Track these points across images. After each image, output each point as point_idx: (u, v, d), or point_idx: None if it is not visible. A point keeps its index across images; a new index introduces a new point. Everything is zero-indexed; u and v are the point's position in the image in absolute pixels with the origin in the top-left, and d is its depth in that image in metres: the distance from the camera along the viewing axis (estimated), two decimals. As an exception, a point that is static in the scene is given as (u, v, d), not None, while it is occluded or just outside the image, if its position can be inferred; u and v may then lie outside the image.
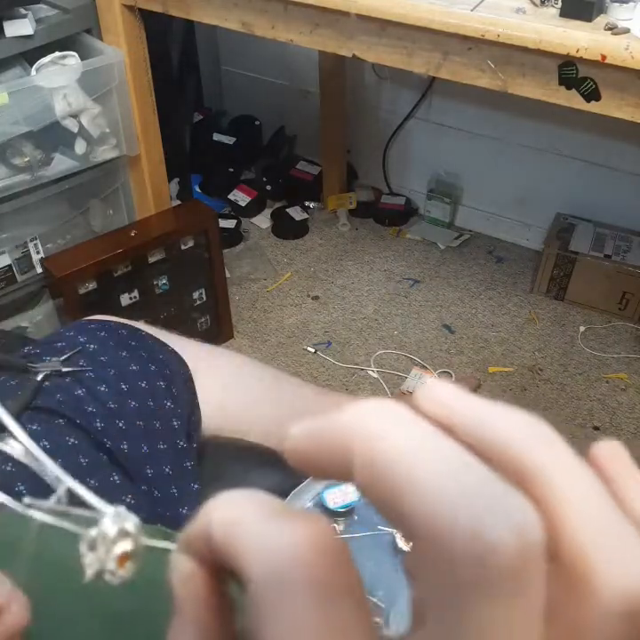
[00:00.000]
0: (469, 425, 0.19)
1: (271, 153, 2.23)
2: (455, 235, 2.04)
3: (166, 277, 1.50)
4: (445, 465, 0.18)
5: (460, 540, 0.16)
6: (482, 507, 0.17)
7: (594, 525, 0.18)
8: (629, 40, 0.81)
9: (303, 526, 0.18)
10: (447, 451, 0.18)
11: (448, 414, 0.20)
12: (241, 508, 0.19)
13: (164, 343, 0.85)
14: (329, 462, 0.19)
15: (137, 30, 1.30)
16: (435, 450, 0.18)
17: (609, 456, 0.21)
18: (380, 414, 0.19)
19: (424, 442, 0.18)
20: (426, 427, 0.19)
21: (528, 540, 0.17)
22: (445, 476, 0.17)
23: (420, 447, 0.18)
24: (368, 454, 0.18)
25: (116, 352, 0.80)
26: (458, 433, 0.19)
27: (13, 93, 1.17)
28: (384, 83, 2.00)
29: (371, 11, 0.96)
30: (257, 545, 0.18)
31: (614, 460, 0.21)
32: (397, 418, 0.19)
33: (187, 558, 0.20)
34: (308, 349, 1.70)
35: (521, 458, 0.19)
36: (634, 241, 1.76)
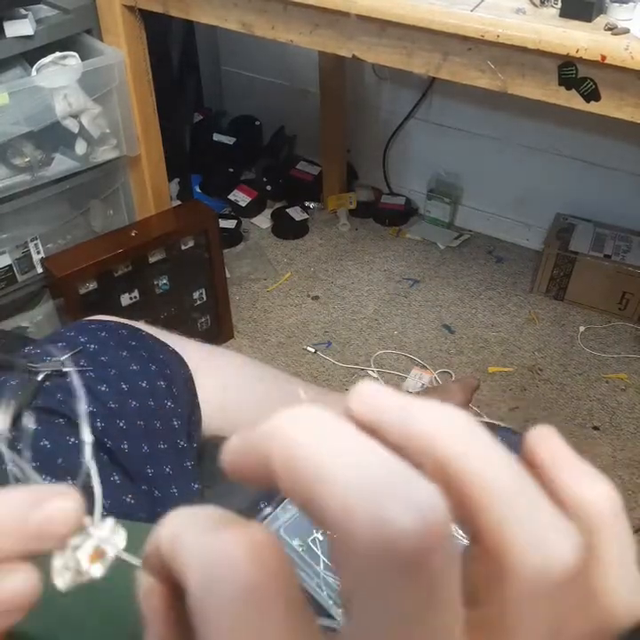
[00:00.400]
0: (391, 423, 0.20)
1: (271, 153, 2.23)
2: (455, 235, 2.04)
3: (166, 277, 1.50)
4: (352, 460, 0.18)
5: (364, 529, 0.17)
6: (383, 494, 0.17)
7: (509, 506, 0.19)
8: (629, 40, 0.81)
9: (238, 536, 0.18)
10: (357, 447, 0.19)
11: (373, 414, 0.20)
12: (182, 524, 0.20)
13: (164, 343, 0.85)
14: (255, 471, 0.20)
15: (137, 30, 1.30)
16: (344, 448, 0.19)
17: (540, 443, 0.21)
18: (298, 419, 0.20)
19: (335, 441, 0.19)
20: (341, 427, 0.19)
21: (430, 520, 0.17)
22: (351, 470, 0.18)
23: (331, 447, 0.19)
24: (283, 457, 0.19)
25: (116, 352, 0.80)
26: (382, 432, 0.20)
27: (14, 93, 1.17)
28: (384, 83, 2.00)
29: (371, 11, 0.96)
30: (193, 556, 0.18)
31: (546, 446, 0.21)
32: (314, 421, 0.19)
33: (147, 574, 0.21)
34: (308, 349, 1.70)
35: (437, 449, 0.19)
36: (634, 241, 1.76)
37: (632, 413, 1.54)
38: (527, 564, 0.18)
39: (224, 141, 2.18)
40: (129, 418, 0.75)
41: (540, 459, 0.21)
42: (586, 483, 0.20)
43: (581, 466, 0.21)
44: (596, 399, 1.57)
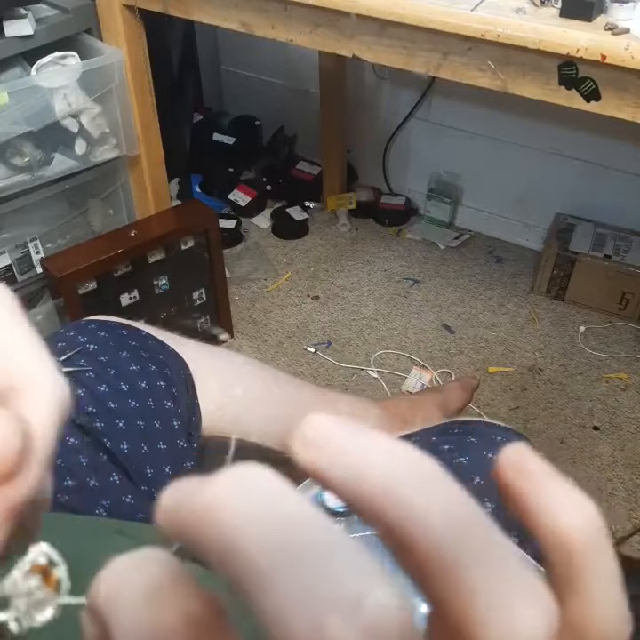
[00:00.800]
0: (340, 482, 0.18)
1: (271, 153, 2.23)
2: (455, 235, 2.04)
3: (166, 277, 1.50)
4: (293, 548, 0.16)
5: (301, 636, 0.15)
6: (325, 602, 0.15)
7: (470, 573, 0.16)
8: (629, 40, 0.81)
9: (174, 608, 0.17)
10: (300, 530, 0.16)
11: (319, 466, 0.18)
12: (122, 581, 0.18)
13: (164, 343, 0.85)
14: (186, 537, 0.18)
15: (137, 30, 1.30)
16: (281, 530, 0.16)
17: (512, 464, 0.19)
18: (236, 492, 0.17)
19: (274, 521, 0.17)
20: (283, 499, 0.17)
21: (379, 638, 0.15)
22: (289, 563, 0.16)
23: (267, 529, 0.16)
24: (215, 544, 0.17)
25: (116, 352, 0.80)
26: (331, 485, 0.18)
27: (13, 93, 1.17)
28: (384, 83, 2.00)
29: (371, 11, 0.96)
30: (125, 628, 0.17)
31: (518, 467, 0.19)
32: (253, 492, 0.17)
33: (90, 622, 0.20)
34: (308, 349, 1.70)
35: (389, 517, 0.17)
36: (634, 241, 1.76)
37: (632, 413, 1.54)
38: (490, 637, 0.16)
39: (224, 141, 2.18)
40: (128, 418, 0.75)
41: (511, 482, 0.19)
42: (563, 508, 0.18)
43: (558, 488, 0.19)
44: (596, 399, 1.57)
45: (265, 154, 2.24)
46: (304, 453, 0.18)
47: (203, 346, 0.95)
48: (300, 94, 2.14)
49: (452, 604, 0.17)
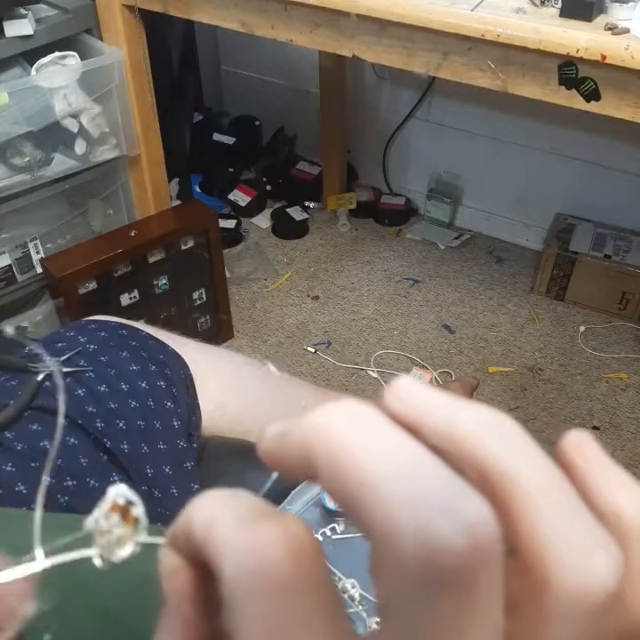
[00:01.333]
0: (435, 425, 0.19)
1: (271, 153, 2.23)
2: (455, 235, 2.04)
3: (166, 277, 1.50)
4: (402, 468, 0.18)
5: (410, 541, 0.16)
6: (432, 508, 0.17)
7: (552, 521, 0.18)
8: (629, 40, 0.81)
9: (275, 528, 0.18)
10: (406, 453, 0.18)
11: (415, 414, 0.20)
12: (219, 509, 0.19)
13: (164, 343, 0.85)
14: (294, 465, 0.20)
15: (137, 30, 1.30)
16: (393, 453, 0.18)
17: (576, 447, 0.21)
18: (344, 417, 0.19)
19: (383, 446, 0.18)
20: (388, 429, 0.19)
21: (479, 540, 0.16)
22: (400, 478, 0.17)
23: (379, 451, 0.18)
24: (329, 459, 0.18)
25: (116, 352, 0.80)
26: (424, 433, 0.19)
27: (13, 93, 1.17)
28: (384, 83, 2.00)
29: (371, 11, 0.96)
30: (229, 546, 0.18)
31: (581, 450, 0.21)
32: (360, 421, 0.19)
33: (173, 553, 0.21)
34: (308, 349, 1.70)
35: (482, 456, 0.19)
36: (634, 241, 1.76)
37: (632, 413, 1.54)
38: (568, 584, 0.18)
39: (224, 141, 2.18)
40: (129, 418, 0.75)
41: (576, 464, 0.20)
42: (622, 491, 0.20)
43: (617, 473, 0.20)
44: (596, 399, 1.57)
45: (265, 154, 2.24)
46: (398, 405, 0.20)
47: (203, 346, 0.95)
48: (300, 94, 2.14)
49: (535, 550, 0.18)
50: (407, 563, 0.17)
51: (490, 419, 0.19)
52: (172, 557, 0.21)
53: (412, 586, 0.17)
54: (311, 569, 0.18)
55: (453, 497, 0.17)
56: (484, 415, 0.19)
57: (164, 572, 0.21)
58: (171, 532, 0.21)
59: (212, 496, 0.20)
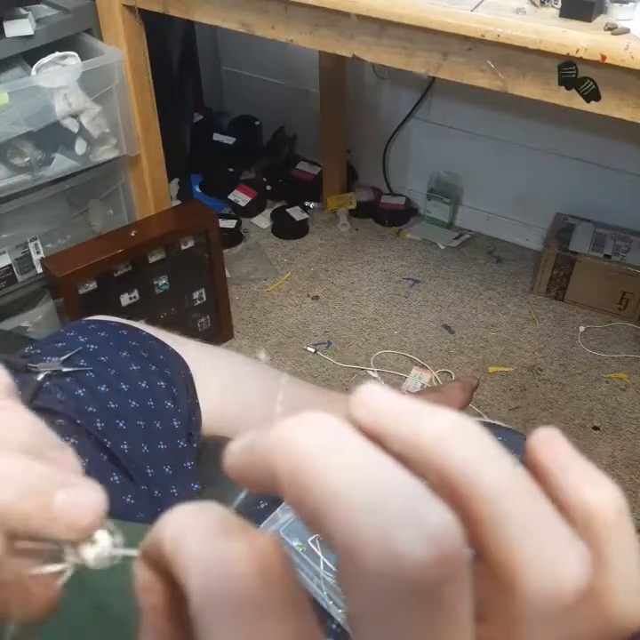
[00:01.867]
0: (399, 432, 0.19)
1: (271, 153, 2.23)
2: (455, 235, 2.04)
3: (166, 277, 1.50)
4: (363, 478, 0.17)
5: (373, 554, 0.16)
6: (394, 519, 0.16)
7: (518, 524, 0.18)
8: (629, 40, 0.81)
9: (241, 543, 0.18)
10: (368, 463, 0.18)
11: (379, 422, 0.19)
12: (187, 523, 0.19)
13: (164, 343, 0.85)
14: (260, 478, 0.20)
15: (137, 30, 1.30)
16: (354, 464, 0.18)
17: (544, 445, 0.21)
18: (306, 429, 0.19)
19: (345, 456, 0.18)
20: (351, 439, 0.19)
21: (443, 550, 0.16)
22: (361, 489, 0.17)
23: (340, 462, 0.18)
24: (290, 472, 0.18)
25: (116, 352, 0.80)
26: (388, 441, 0.19)
27: (13, 93, 1.17)
28: (384, 83, 2.00)
29: (371, 11, 0.96)
30: (195, 562, 0.18)
31: (550, 448, 0.21)
32: (322, 432, 0.19)
33: (146, 568, 0.21)
34: (308, 349, 1.70)
35: (446, 463, 0.18)
36: (634, 241, 1.76)
37: (632, 413, 1.54)
38: (537, 586, 0.18)
39: (224, 141, 2.18)
40: (129, 418, 0.75)
41: (543, 461, 0.20)
42: (590, 486, 0.20)
43: (585, 468, 0.20)
44: (596, 399, 1.57)
45: (265, 154, 2.24)
46: (361, 412, 0.20)
47: (203, 346, 0.95)
48: (300, 94, 2.14)
49: (501, 552, 0.18)
50: (372, 576, 0.16)
51: (454, 424, 0.19)
52: (144, 572, 0.21)
53: (378, 599, 0.16)
54: (278, 585, 0.18)
55: (416, 506, 0.17)
56: (449, 421, 0.19)
57: (138, 586, 0.21)
58: (144, 545, 0.21)
59: (182, 510, 0.20)
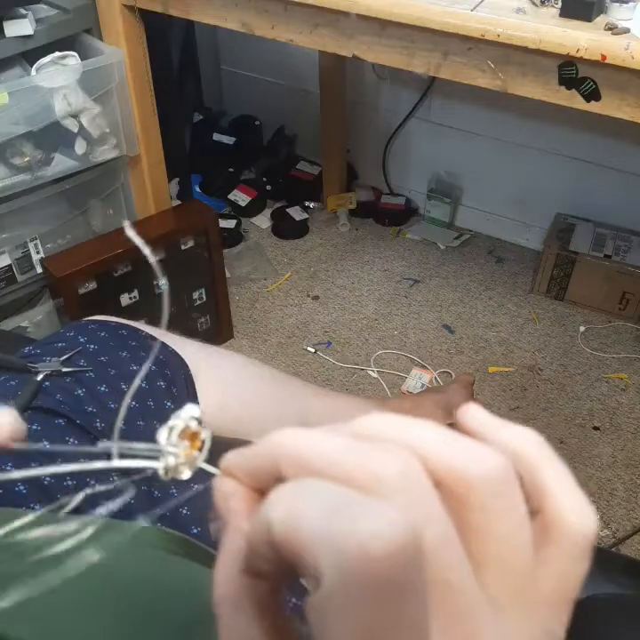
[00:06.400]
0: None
1: (271, 153, 2.23)
2: (455, 235, 2.04)
3: (166, 277, 1.50)
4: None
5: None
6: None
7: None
8: (629, 40, 0.81)
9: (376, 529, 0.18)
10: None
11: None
12: (303, 500, 0.20)
13: (164, 343, 0.85)
14: (261, 469, 0.22)
15: (137, 30, 1.30)
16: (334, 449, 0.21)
17: (465, 415, 0.25)
18: (296, 433, 0.22)
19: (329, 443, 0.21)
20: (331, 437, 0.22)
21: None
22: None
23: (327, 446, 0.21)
24: (295, 458, 0.21)
25: (116, 352, 0.80)
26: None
27: (13, 93, 1.16)
28: (384, 83, 2.00)
29: (371, 11, 0.96)
30: (326, 545, 0.18)
31: (471, 416, 0.25)
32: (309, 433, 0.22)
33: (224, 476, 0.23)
34: (308, 349, 1.70)
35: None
36: (634, 241, 1.76)
37: (632, 413, 1.54)
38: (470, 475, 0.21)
39: (224, 141, 2.18)
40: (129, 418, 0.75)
41: (470, 428, 0.24)
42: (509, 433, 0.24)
43: (503, 424, 0.24)
44: (596, 399, 1.57)
45: (265, 154, 2.24)
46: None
47: (203, 346, 0.95)
48: (300, 94, 2.14)
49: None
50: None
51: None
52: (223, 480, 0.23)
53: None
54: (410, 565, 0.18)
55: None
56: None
57: (218, 495, 0.23)
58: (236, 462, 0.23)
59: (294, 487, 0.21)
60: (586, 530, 0.22)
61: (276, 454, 0.22)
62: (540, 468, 0.23)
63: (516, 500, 0.22)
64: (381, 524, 0.18)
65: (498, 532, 0.21)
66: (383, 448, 0.21)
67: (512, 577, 0.21)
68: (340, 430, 0.23)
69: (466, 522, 0.21)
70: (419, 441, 0.22)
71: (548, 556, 0.22)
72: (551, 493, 0.23)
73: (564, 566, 0.22)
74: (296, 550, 0.19)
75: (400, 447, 0.21)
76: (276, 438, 0.22)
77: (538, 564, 0.22)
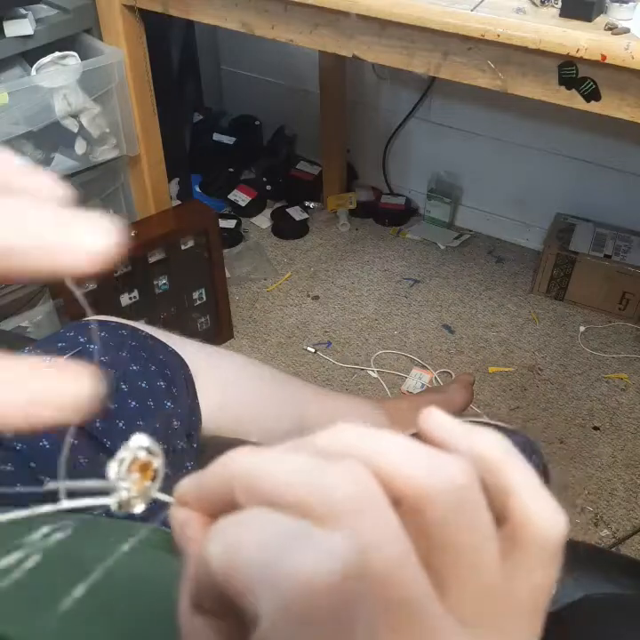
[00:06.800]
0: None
1: (271, 153, 2.23)
2: (455, 235, 2.04)
3: (166, 277, 1.50)
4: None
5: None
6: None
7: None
8: (629, 40, 0.81)
9: (310, 556, 0.18)
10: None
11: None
12: (243, 534, 0.19)
13: (164, 343, 0.85)
14: (214, 496, 0.22)
15: (137, 30, 1.30)
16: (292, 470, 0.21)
17: (426, 423, 0.24)
18: (247, 454, 0.22)
19: (285, 465, 0.21)
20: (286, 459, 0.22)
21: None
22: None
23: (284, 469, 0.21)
24: (247, 483, 0.21)
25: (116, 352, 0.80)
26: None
27: (13, 93, 1.16)
28: (384, 83, 2.00)
29: (371, 11, 0.96)
30: (263, 582, 0.18)
31: (431, 422, 0.24)
32: (262, 453, 0.22)
33: (179, 506, 0.23)
34: (308, 349, 1.70)
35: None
36: (634, 241, 1.76)
37: (632, 413, 1.54)
38: (429, 486, 0.20)
39: (224, 141, 2.18)
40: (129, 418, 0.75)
41: (432, 435, 0.24)
42: (473, 438, 0.23)
43: (467, 428, 0.24)
44: (596, 399, 1.57)
45: (265, 154, 2.24)
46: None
47: (203, 346, 0.95)
48: (300, 94, 2.14)
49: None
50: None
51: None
52: (178, 510, 0.22)
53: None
54: (359, 597, 0.19)
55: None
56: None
57: (174, 524, 0.22)
58: (180, 492, 0.23)
59: (229, 524, 0.20)
60: (554, 533, 0.21)
61: (227, 479, 0.21)
62: (505, 470, 0.22)
63: (479, 510, 0.21)
64: (319, 557, 0.17)
65: (461, 546, 0.20)
66: (338, 467, 0.20)
67: (480, 591, 0.20)
68: (302, 446, 0.22)
69: (428, 536, 0.20)
70: (378, 454, 0.21)
71: (517, 563, 0.21)
72: (517, 496, 0.22)
73: (534, 573, 0.21)
74: (234, 587, 0.18)
75: (356, 464, 0.20)
76: (228, 462, 0.22)
77: (506, 572, 0.21)
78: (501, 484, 0.22)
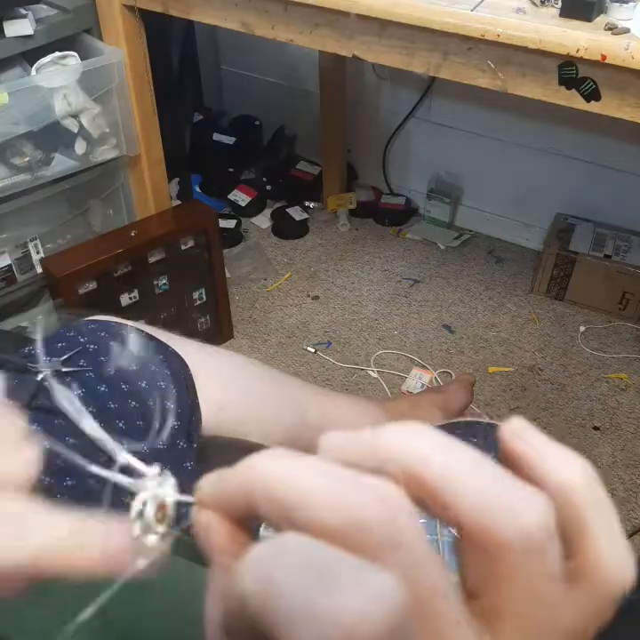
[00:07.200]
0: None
1: (271, 153, 2.23)
2: (455, 235, 2.04)
3: (166, 277, 1.50)
4: (328, 481, 0.19)
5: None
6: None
7: (474, 490, 0.20)
8: (629, 40, 0.81)
9: (356, 601, 0.17)
10: (326, 471, 0.20)
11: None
12: (279, 569, 0.18)
13: (164, 343, 0.85)
14: (235, 504, 0.21)
15: (137, 30, 1.30)
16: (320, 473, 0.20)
17: (513, 435, 0.23)
18: (271, 459, 0.21)
19: (314, 477, 0.20)
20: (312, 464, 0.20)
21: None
22: (327, 489, 0.19)
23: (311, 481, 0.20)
24: (269, 490, 0.20)
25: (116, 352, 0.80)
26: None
27: (13, 93, 1.16)
28: (384, 83, 2.00)
29: (371, 11, 0.96)
30: (304, 627, 0.17)
31: (516, 438, 0.23)
32: (287, 460, 0.21)
33: (204, 510, 0.22)
34: (308, 349, 1.70)
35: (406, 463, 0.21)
36: (634, 241, 1.76)
37: (632, 413, 1.54)
38: (506, 535, 0.19)
39: (224, 141, 2.18)
40: (128, 418, 0.75)
41: (515, 454, 0.22)
42: (559, 466, 0.22)
43: (553, 451, 0.22)
44: (596, 399, 1.57)
45: (265, 154, 2.24)
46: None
47: (203, 346, 0.95)
48: (300, 94, 2.14)
49: (469, 522, 0.20)
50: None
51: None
52: (202, 515, 0.22)
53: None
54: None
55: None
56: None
57: (199, 529, 0.22)
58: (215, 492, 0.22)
59: (259, 553, 0.19)
60: (623, 581, 0.21)
61: (248, 489, 0.20)
62: (584, 509, 0.21)
63: (552, 559, 0.20)
64: (366, 602, 0.16)
65: (527, 582, 0.20)
66: (369, 484, 0.19)
67: (535, 627, 0.20)
68: (348, 447, 0.21)
69: (487, 570, 0.20)
70: (440, 478, 0.20)
71: (577, 597, 0.21)
72: (593, 538, 0.21)
73: (590, 611, 0.21)
74: (269, 626, 0.17)
75: (390, 484, 0.19)
76: (252, 468, 0.21)
77: (562, 600, 0.21)
78: (579, 522, 0.21)
